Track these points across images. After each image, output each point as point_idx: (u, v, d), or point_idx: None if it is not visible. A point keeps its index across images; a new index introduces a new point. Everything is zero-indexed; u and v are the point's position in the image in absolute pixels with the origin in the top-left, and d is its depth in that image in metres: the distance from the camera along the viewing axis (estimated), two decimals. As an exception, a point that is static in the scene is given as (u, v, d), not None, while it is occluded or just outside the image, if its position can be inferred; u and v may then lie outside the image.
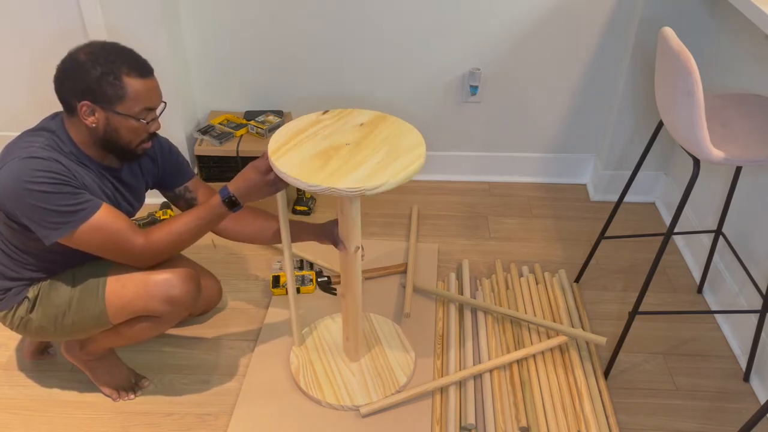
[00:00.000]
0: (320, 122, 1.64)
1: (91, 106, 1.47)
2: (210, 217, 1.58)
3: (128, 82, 1.47)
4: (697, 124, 1.45)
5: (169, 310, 1.62)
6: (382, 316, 2.11)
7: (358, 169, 1.45)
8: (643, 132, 2.53)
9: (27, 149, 1.46)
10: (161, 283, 1.60)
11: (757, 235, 1.93)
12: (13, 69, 2.46)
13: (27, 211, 1.45)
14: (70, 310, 1.62)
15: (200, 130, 2.49)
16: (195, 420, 1.80)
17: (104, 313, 1.62)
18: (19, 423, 1.79)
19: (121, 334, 1.70)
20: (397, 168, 1.45)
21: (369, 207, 2.65)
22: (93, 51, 1.46)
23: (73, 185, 1.47)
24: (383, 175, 1.43)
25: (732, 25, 2.11)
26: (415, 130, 1.60)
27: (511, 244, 2.46)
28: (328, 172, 1.44)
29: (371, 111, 1.68)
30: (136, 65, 1.48)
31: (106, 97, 1.46)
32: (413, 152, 1.51)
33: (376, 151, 1.52)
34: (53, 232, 1.47)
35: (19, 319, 1.64)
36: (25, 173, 1.43)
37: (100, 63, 1.44)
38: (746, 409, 1.84)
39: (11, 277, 1.63)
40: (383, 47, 2.50)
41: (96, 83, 1.45)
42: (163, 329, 1.70)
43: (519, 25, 2.43)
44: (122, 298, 1.60)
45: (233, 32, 2.48)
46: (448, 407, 1.80)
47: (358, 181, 1.41)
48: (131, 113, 1.49)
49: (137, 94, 1.48)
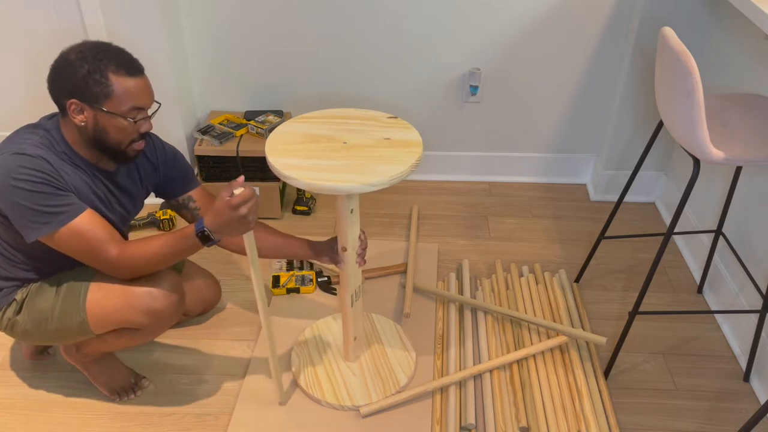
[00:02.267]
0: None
1: (79, 105, 1.46)
2: (182, 247, 1.50)
3: (114, 80, 1.45)
4: (697, 124, 1.45)
5: (151, 323, 1.60)
6: (383, 316, 2.11)
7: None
8: (643, 132, 2.53)
9: (19, 145, 1.46)
10: (142, 295, 1.57)
11: (757, 235, 1.93)
12: (13, 70, 2.46)
13: (9, 206, 1.45)
14: (53, 317, 1.60)
15: (200, 130, 2.49)
16: (195, 420, 1.79)
17: (85, 322, 1.59)
18: (18, 423, 1.79)
19: (108, 343, 1.68)
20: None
21: (369, 207, 2.65)
22: (83, 50, 1.45)
23: (57, 186, 1.46)
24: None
25: (732, 25, 2.11)
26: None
27: (511, 244, 2.46)
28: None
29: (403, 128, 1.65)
30: (124, 63, 1.46)
31: (93, 95, 1.45)
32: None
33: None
34: (32, 231, 1.46)
35: (7, 320, 1.63)
36: (12, 169, 1.42)
37: (88, 61, 1.44)
38: (746, 409, 1.84)
39: (4, 277, 1.62)
40: (383, 47, 2.50)
41: (83, 81, 1.44)
42: (148, 339, 1.68)
43: (519, 25, 2.43)
44: (103, 308, 1.58)
45: (233, 32, 2.48)
46: (448, 407, 1.80)
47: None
48: (118, 111, 1.47)
49: (124, 92, 1.46)
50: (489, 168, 2.80)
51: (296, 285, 2.20)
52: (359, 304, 1.81)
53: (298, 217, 2.58)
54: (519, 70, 2.54)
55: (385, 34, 2.47)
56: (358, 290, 1.77)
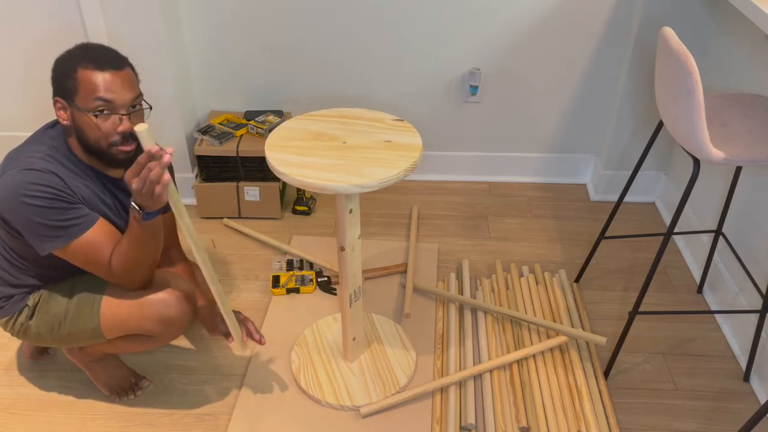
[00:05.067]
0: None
1: (60, 102, 1.47)
2: (137, 232, 1.46)
3: (81, 73, 1.42)
4: (697, 124, 1.45)
5: (163, 330, 1.62)
6: (383, 316, 2.11)
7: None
8: (643, 132, 2.53)
9: (27, 159, 1.46)
10: (156, 303, 1.59)
11: (757, 235, 1.93)
12: (14, 71, 2.46)
13: (21, 222, 1.46)
14: (66, 322, 1.62)
15: (200, 130, 2.49)
16: (195, 420, 1.80)
17: (98, 328, 1.61)
18: (19, 423, 1.79)
19: (117, 346, 1.70)
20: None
21: (369, 207, 2.65)
22: (70, 49, 1.46)
23: (67, 200, 1.46)
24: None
25: (732, 25, 2.11)
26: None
27: (511, 244, 2.46)
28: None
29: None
30: (94, 57, 1.43)
31: (67, 90, 1.44)
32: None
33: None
34: (46, 244, 1.47)
35: (20, 325, 1.64)
36: (21, 185, 1.43)
37: (66, 58, 1.44)
38: (746, 409, 1.84)
39: (13, 284, 1.63)
40: (383, 47, 2.50)
41: (60, 77, 1.44)
42: (158, 345, 1.70)
43: (519, 25, 2.43)
44: (117, 315, 1.60)
45: (233, 32, 2.48)
46: (448, 407, 1.80)
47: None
48: (87, 107, 1.43)
49: (89, 84, 1.41)
50: (489, 168, 2.80)
51: (296, 285, 2.20)
52: (359, 305, 1.81)
53: (298, 217, 2.58)
54: (519, 70, 2.54)
55: (385, 34, 2.47)
56: (357, 290, 1.77)
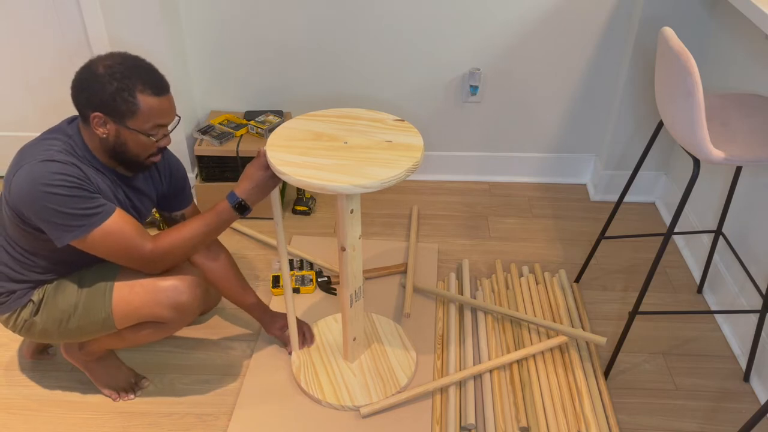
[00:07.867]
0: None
1: (103, 118, 1.48)
2: (218, 222, 1.60)
3: (142, 99, 1.47)
4: (697, 124, 1.45)
5: (176, 317, 1.64)
6: (383, 316, 2.11)
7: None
8: (643, 132, 2.53)
9: (46, 152, 1.47)
10: (169, 290, 1.61)
11: (757, 235, 1.93)
12: (16, 72, 2.46)
13: (42, 213, 1.46)
14: (76, 314, 1.63)
15: (200, 130, 2.49)
16: (195, 420, 1.80)
17: (110, 318, 1.62)
18: (19, 423, 1.79)
19: (124, 339, 1.71)
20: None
21: (369, 207, 2.65)
22: (112, 64, 1.47)
23: (89, 189, 1.48)
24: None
25: (732, 25, 2.11)
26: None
27: (511, 244, 2.46)
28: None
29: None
30: (152, 82, 1.49)
31: (119, 112, 1.47)
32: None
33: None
34: (66, 234, 1.48)
35: (23, 321, 1.64)
36: (43, 176, 1.44)
37: (116, 78, 1.45)
38: (746, 409, 1.84)
39: (16, 280, 1.63)
40: (383, 47, 2.50)
41: (110, 98, 1.46)
42: (166, 335, 1.71)
43: (519, 25, 2.43)
44: (129, 303, 1.61)
45: (233, 32, 2.48)
46: (448, 407, 1.80)
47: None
48: (142, 129, 1.50)
49: (150, 111, 1.49)
50: (489, 168, 2.80)
51: (296, 285, 2.20)
52: (359, 305, 1.81)
53: (298, 217, 2.58)
54: (519, 71, 2.54)
55: (385, 34, 2.47)
56: (358, 291, 1.77)
